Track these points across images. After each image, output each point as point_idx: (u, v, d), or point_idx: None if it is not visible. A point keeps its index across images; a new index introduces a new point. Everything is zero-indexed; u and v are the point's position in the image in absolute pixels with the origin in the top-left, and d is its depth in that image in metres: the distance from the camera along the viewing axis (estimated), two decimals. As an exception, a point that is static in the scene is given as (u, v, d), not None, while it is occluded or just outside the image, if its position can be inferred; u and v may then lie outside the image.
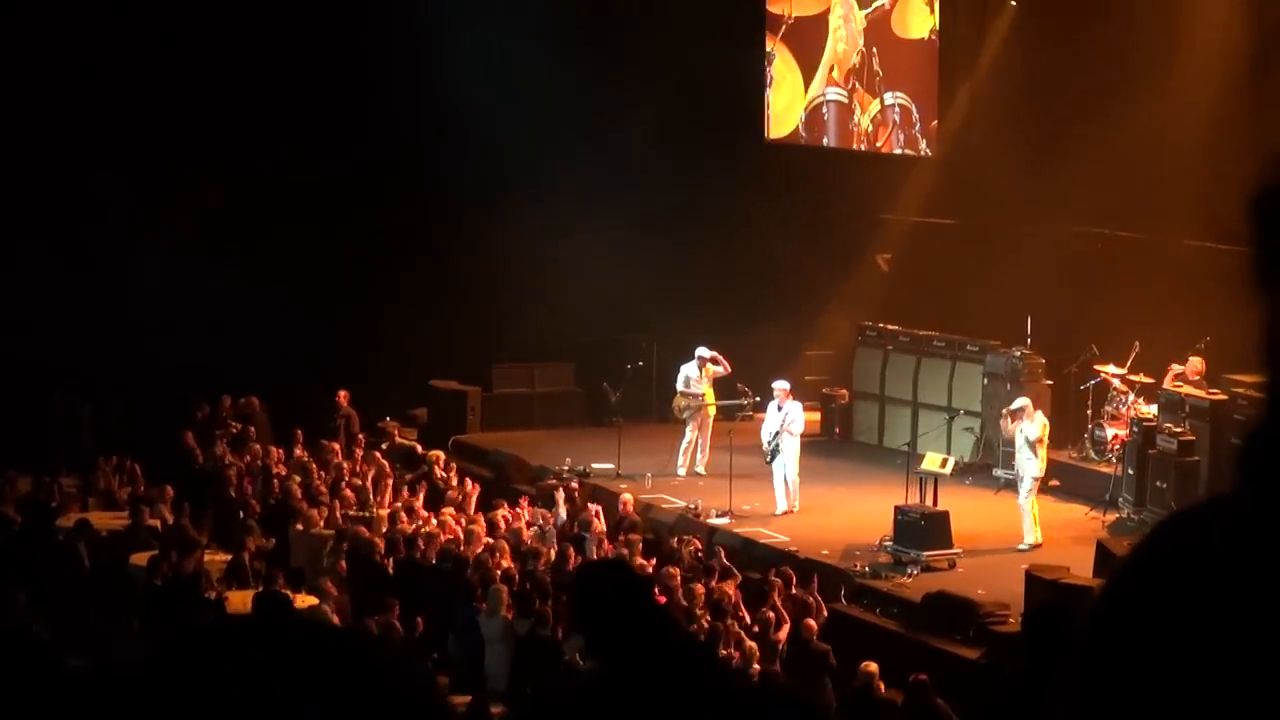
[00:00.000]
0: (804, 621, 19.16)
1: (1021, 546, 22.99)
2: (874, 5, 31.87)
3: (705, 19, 30.62)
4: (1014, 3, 29.32)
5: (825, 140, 33.30)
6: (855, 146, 32.82)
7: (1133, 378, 25.78)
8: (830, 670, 18.38)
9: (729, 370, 27.71)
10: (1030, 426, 23.52)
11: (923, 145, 31.70)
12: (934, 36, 31.03)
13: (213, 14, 30.37)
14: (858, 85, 32.46)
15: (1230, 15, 26.13)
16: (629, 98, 30.34)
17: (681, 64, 30.89)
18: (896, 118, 31.97)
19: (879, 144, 32.36)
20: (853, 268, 31.30)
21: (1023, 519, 23.36)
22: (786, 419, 25.11)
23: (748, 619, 19.33)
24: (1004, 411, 24.66)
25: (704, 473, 27.20)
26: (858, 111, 32.57)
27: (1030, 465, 23.40)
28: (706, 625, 18.78)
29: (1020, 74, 28.96)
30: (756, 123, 33.34)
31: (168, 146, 30.48)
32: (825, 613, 19.76)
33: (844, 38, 32.26)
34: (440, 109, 30.67)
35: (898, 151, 32.16)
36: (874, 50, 32.06)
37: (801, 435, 25.53)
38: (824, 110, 33.15)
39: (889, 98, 32.01)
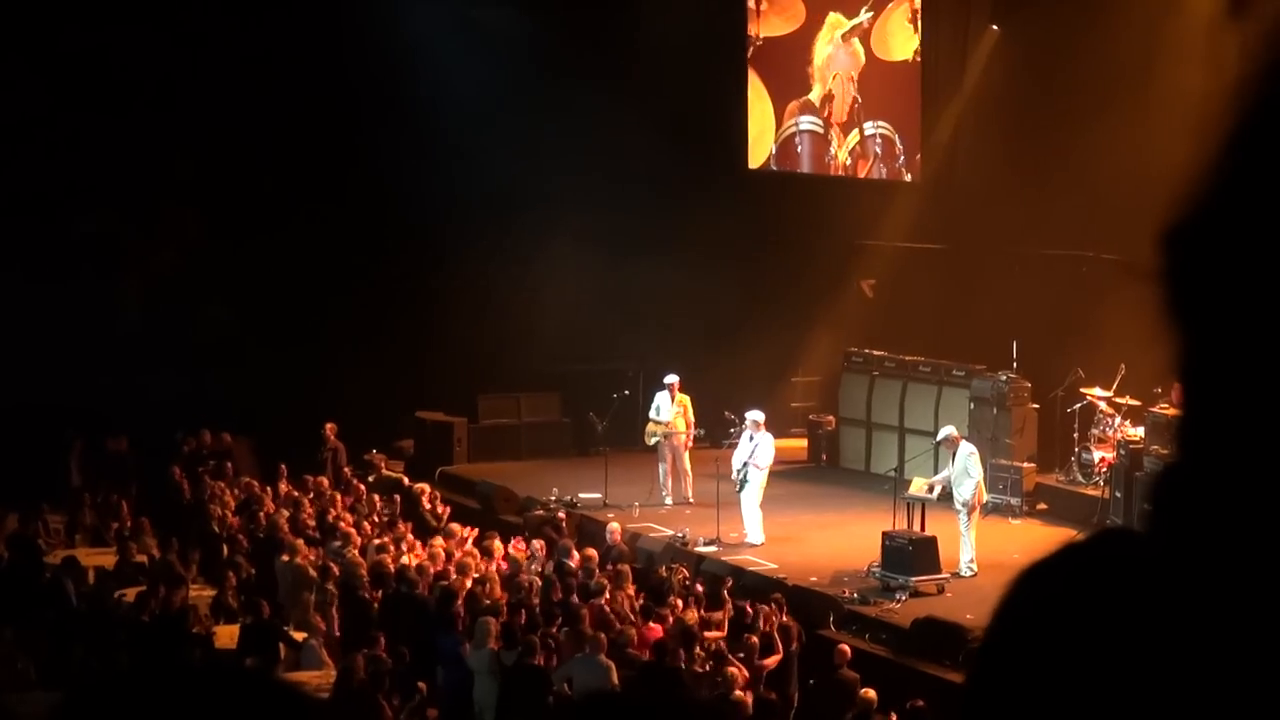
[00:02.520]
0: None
1: (963, 572, 22.72)
2: (851, 24, 31.55)
3: (688, 46, 30.64)
4: (995, 28, 29.35)
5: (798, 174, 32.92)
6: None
7: (1119, 400, 25.79)
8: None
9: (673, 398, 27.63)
10: (959, 455, 23.24)
11: (906, 178, 31.36)
12: (918, 58, 30.66)
13: (202, 55, 30.43)
14: (833, 113, 31.98)
15: (1210, 36, 26.18)
16: (612, 128, 30.33)
17: (664, 92, 30.94)
18: (878, 149, 31.52)
19: (860, 176, 32.00)
20: (838, 294, 31.29)
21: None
22: (755, 450, 25.01)
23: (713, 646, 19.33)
24: (934, 442, 24.48)
25: (693, 500, 27.15)
26: (834, 143, 32.15)
27: (962, 491, 23.17)
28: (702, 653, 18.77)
29: (1003, 99, 28.99)
30: (740, 150, 33.31)
31: (154, 185, 30.53)
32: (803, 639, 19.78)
33: (835, 61, 31.67)
34: (424, 142, 30.72)
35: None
36: (852, 74, 31.72)
37: (788, 462, 25.45)
38: (797, 141, 32.76)
39: (869, 127, 31.58)
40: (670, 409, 27.58)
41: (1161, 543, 1.55)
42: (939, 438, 23.93)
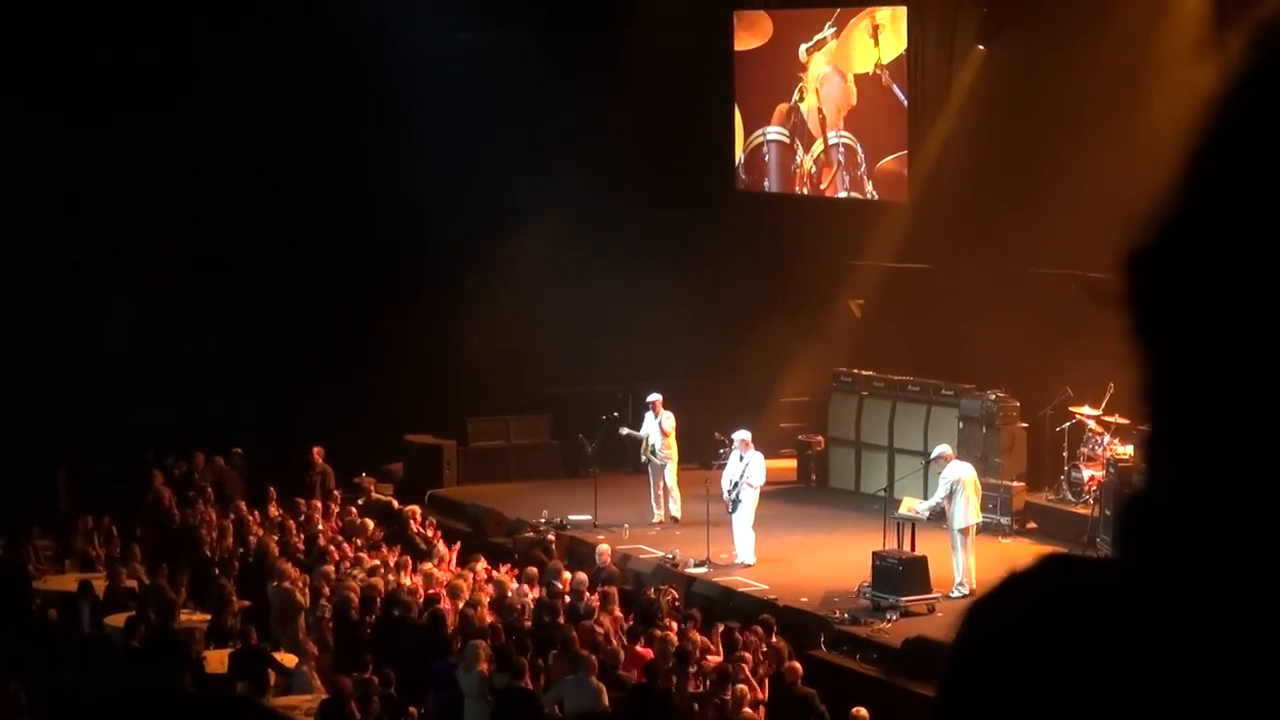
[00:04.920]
0: (787, 665, 19.13)
1: (953, 593, 22.65)
2: (815, 39, 31.70)
3: (673, 63, 30.66)
4: (982, 48, 29.37)
5: (766, 183, 33.03)
6: (798, 189, 32.54)
7: (1108, 419, 25.79)
8: (817, 715, 18.32)
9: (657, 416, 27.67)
10: (950, 472, 23.23)
11: (868, 187, 31.39)
12: (879, 71, 30.76)
13: (191, 79, 30.50)
14: (798, 124, 32.23)
15: (1196, 51, 26.21)
16: (600, 149, 30.37)
17: (652, 112, 30.98)
18: (841, 158, 31.68)
19: (823, 185, 32.08)
20: (826, 314, 31.28)
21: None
22: (747, 470, 25.01)
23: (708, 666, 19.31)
24: (928, 460, 24.46)
25: (679, 517, 27.11)
26: (800, 152, 32.34)
27: (956, 513, 23.17)
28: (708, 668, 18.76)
29: (989, 119, 29.00)
30: (728, 170, 33.38)
31: (142, 210, 30.57)
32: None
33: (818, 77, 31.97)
34: (412, 165, 30.77)
35: (843, 194, 31.83)
36: (816, 86, 31.86)
37: (778, 483, 25.42)
38: (765, 151, 32.96)
39: (833, 136, 31.74)
40: (654, 426, 27.59)
41: (1122, 567, 1.55)
42: (933, 455, 23.95)
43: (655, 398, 27.80)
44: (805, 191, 32.45)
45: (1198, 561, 1.48)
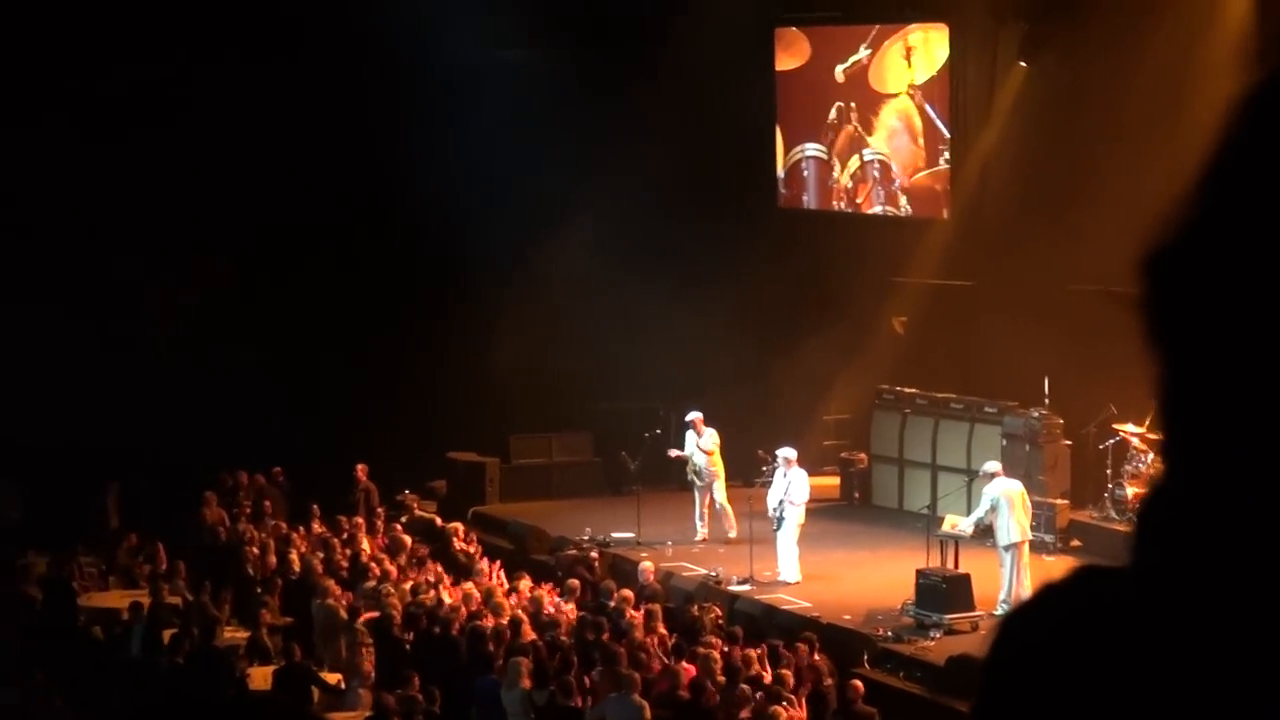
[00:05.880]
0: (851, 683, 19.13)
1: (997, 611, 22.54)
2: (851, 60, 31.90)
3: (713, 80, 30.73)
4: (1023, 63, 29.33)
5: (805, 198, 33.36)
6: (835, 204, 32.78)
7: (1152, 436, 25.68)
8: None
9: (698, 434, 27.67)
10: (993, 488, 23.18)
11: (902, 201, 31.57)
12: (911, 91, 31.01)
13: (233, 96, 30.62)
14: (835, 141, 32.54)
15: (1239, 65, 26.15)
16: (641, 162, 30.39)
17: (691, 127, 31.03)
18: (876, 174, 31.90)
19: (859, 200, 32.28)
20: (869, 331, 31.24)
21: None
22: (790, 487, 24.98)
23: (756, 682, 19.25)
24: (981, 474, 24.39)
25: (734, 536, 26.97)
26: (837, 168, 32.57)
27: (999, 529, 23.11)
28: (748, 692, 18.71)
29: (1031, 134, 28.95)
30: (769, 186, 33.43)
31: (186, 227, 30.70)
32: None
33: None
34: (455, 182, 30.81)
35: (878, 209, 32.07)
36: (852, 105, 32.12)
37: (821, 500, 25.38)
38: (803, 167, 33.24)
39: (868, 154, 31.99)
40: (697, 444, 27.59)
41: (1141, 575, 1.55)
42: (982, 471, 23.89)
43: (695, 416, 27.80)
44: (842, 206, 32.63)
45: (1213, 567, 1.49)
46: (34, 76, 30.06)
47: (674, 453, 28.13)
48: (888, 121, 31.54)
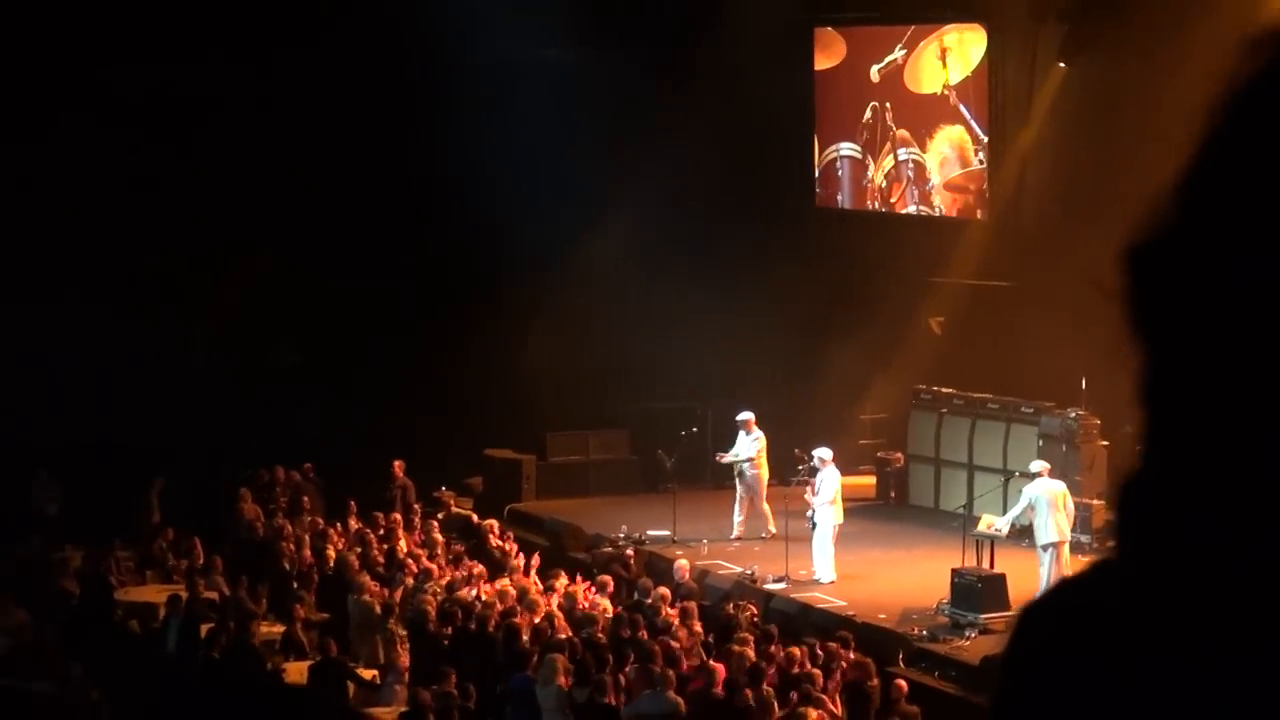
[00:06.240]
0: (895, 683, 19.13)
1: None
2: (886, 60, 31.94)
3: (752, 80, 30.75)
4: (1063, 65, 29.27)
5: (839, 197, 33.52)
6: (869, 203, 32.88)
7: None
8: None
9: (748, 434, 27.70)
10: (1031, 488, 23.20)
11: (936, 201, 31.62)
12: (946, 91, 31.04)
13: (271, 92, 30.74)
14: (870, 140, 32.60)
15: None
16: (678, 162, 30.41)
17: (730, 125, 31.06)
18: (910, 174, 31.94)
19: (893, 199, 32.35)
20: (906, 331, 31.22)
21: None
22: (820, 486, 25.03)
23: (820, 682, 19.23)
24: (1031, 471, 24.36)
25: (774, 532, 26.92)
26: (871, 167, 32.65)
27: (1037, 529, 23.12)
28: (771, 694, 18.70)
29: (1070, 135, 28.90)
30: (807, 186, 33.46)
31: (223, 225, 30.79)
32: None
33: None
34: (493, 178, 30.86)
35: (911, 209, 32.14)
36: (887, 105, 32.16)
37: (857, 500, 25.32)
38: (838, 166, 33.34)
39: (902, 153, 32.04)
40: (748, 445, 27.62)
41: (1128, 567, 1.56)
42: (1031, 469, 23.85)
43: (747, 416, 27.81)
44: (876, 205, 32.69)
45: (1201, 554, 1.50)
46: (73, 72, 30.16)
47: (723, 458, 28.06)
48: (923, 122, 31.64)
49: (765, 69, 31.21)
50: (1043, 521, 22.83)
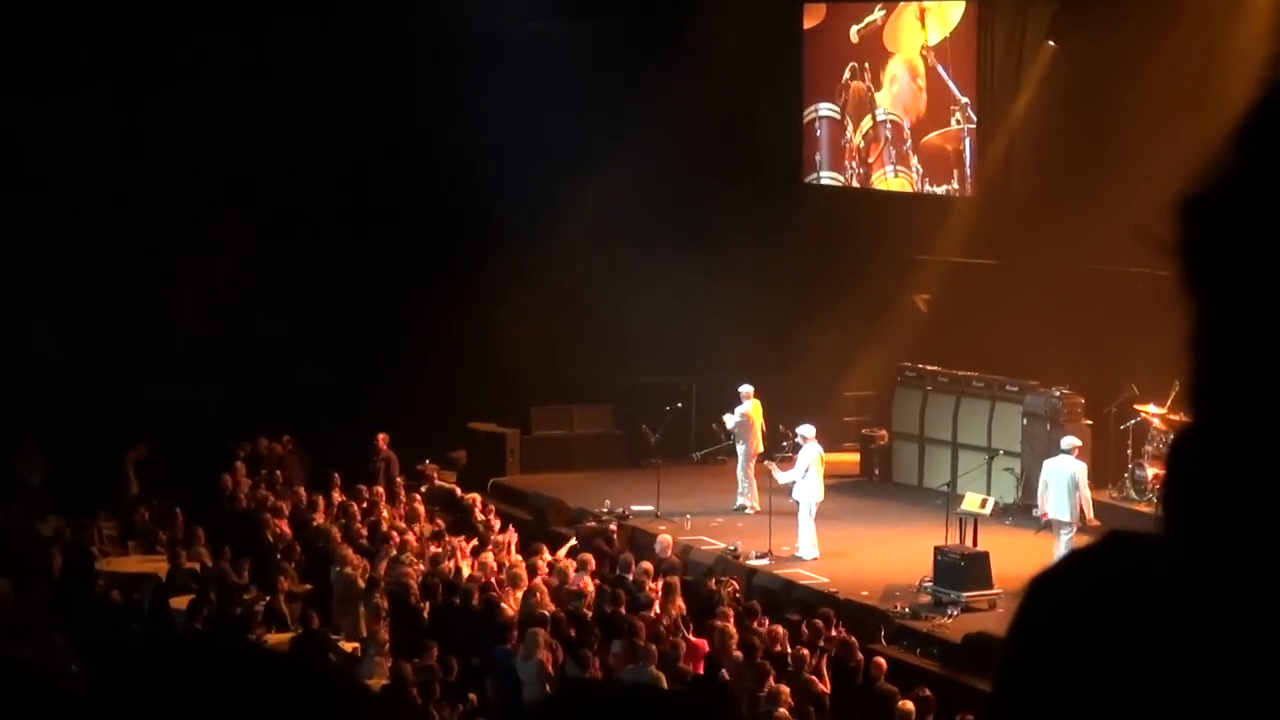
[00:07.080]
0: (874, 660, 19.14)
1: None
2: (866, 21, 31.98)
3: (739, 53, 30.68)
4: (1052, 43, 29.24)
5: (817, 157, 33.49)
6: (847, 163, 32.86)
7: (1173, 417, 25.61)
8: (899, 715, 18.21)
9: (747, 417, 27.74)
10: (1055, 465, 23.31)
11: (914, 161, 31.62)
12: (925, 52, 31.08)
13: (257, 63, 30.67)
14: (848, 101, 32.60)
15: (1270, 43, 25.98)
16: (663, 137, 30.38)
17: (715, 101, 31.02)
18: (888, 134, 31.95)
19: (870, 160, 32.35)
20: (891, 308, 31.21)
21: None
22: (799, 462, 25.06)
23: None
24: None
25: (757, 508, 26.90)
26: (849, 128, 32.64)
27: (1054, 506, 23.16)
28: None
29: (1058, 115, 28.88)
30: (794, 163, 33.41)
31: (207, 195, 30.74)
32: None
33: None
34: (478, 151, 30.79)
35: (889, 169, 32.10)
36: (865, 65, 32.15)
37: (841, 476, 25.35)
38: (817, 127, 33.33)
39: (880, 114, 32.06)
40: (738, 416, 27.64)
41: (1174, 536, 1.53)
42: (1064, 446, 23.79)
43: (747, 389, 27.82)
44: (854, 166, 32.67)
45: (1245, 517, 1.47)
46: (58, 44, 30.06)
47: (727, 420, 28.00)
48: (901, 82, 31.65)
49: (751, 39, 31.12)
50: (1064, 499, 22.86)
